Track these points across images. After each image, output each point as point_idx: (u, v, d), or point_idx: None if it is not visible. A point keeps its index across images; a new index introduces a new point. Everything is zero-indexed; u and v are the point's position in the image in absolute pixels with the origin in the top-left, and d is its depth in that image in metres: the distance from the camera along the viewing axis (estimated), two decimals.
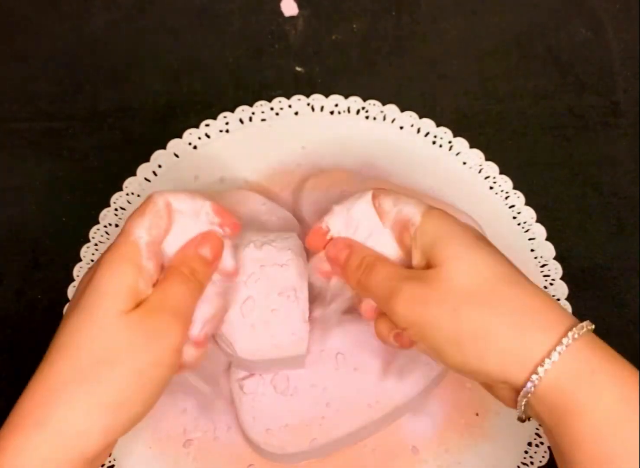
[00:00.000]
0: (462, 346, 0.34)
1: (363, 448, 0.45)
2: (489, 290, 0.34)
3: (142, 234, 0.36)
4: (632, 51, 0.60)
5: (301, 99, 0.57)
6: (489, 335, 0.33)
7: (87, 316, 0.34)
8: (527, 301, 0.34)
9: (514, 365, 0.33)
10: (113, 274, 0.35)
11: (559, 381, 0.32)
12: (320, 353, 0.45)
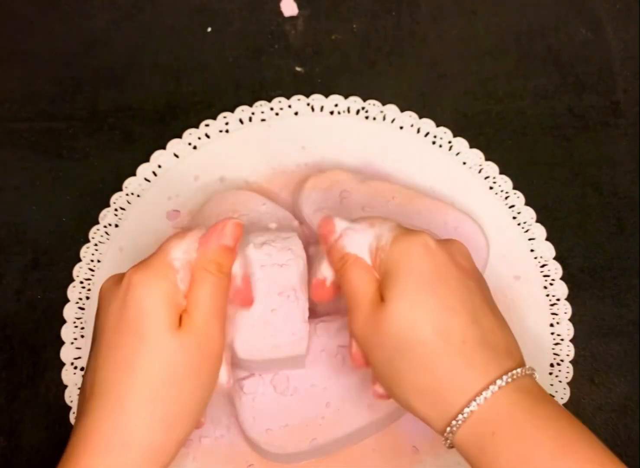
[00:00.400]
0: (392, 388, 0.37)
1: (363, 448, 0.45)
2: (417, 340, 0.35)
3: (178, 255, 0.37)
4: (632, 51, 0.60)
5: (301, 99, 0.57)
6: (416, 389, 0.35)
7: (140, 338, 0.35)
8: (449, 359, 0.35)
9: (434, 419, 0.35)
10: (155, 293, 0.35)
11: (467, 437, 0.34)
12: (320, 353, 0.45)
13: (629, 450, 0.47)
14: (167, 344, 0.35)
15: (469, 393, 0.34)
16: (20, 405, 0.48)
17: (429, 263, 0.36)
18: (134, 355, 0.35)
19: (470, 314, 0.36)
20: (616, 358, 0.49)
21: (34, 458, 0.47)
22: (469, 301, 0.36)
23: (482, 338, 0.35)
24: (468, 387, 0.34)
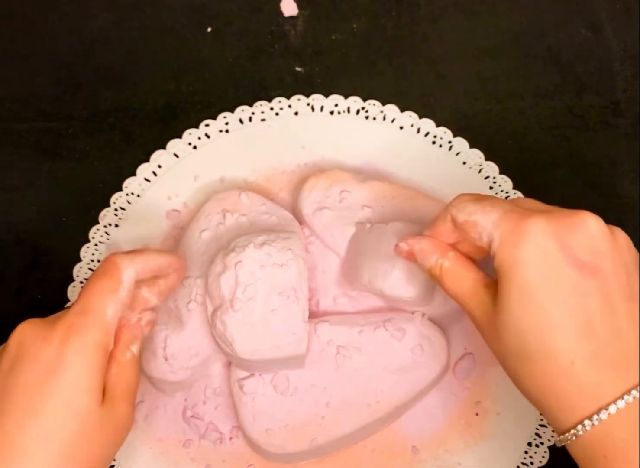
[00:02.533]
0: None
1: (363, 448, 0.46)
2: (525, 358, 0.33)
3: (112, 313, 0.37)
4: (632, 51, 0.60)
5: (301, 99, 0.57)
6: (531, 396, 0.34)
7: (70, 409, 0.34)
8: (556, 378, 0.33)
9: (551, 424, 0.34)
10: (89, 369, 0.35)
11: (580, 455, 0.33)
12: (320, 353, 0.45)
13: None
14: (90, 418, 0.35)
15: (576, 417, 0.32)
16: None
17: (538, 269, 0.33)
18: (53, 419, 0.34)
19: (581, 327, 0.32)
20: None
21: None
22: (583, 308, 0.33)
23: (594, 355, 0.32)
24: (576, 411, 0.32)
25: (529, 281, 0.33)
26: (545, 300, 0.33)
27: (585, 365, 0.32)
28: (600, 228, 0.34)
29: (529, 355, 0.33)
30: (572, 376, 0.32)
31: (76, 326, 0.36)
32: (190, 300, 0.46)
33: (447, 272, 0.38)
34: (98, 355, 0.36)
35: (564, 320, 0.32)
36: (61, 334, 0.36)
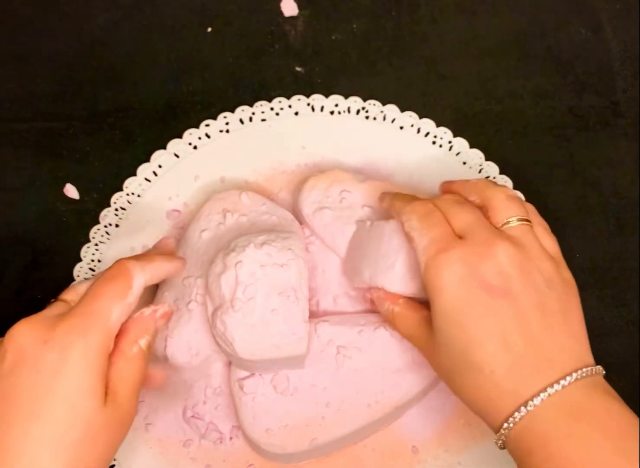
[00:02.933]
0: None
1: (363, 448, 0.46)
2: (460, 374, 0.38)
3: (118, 317, 0.37)
4: (632, 51, 0.60)
5: (301, 99, 0.57)
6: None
7: (75, 413, 0.35)
8: (483, 393, 0.36)
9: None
10: (91, 372, 0.35)
11: (512, 452, 0.36)
12: (320, 353, 0.45)
13: None
14: (93, 418, 0.35)
15: (502, 418, 0.35)
16: None
17: (456, 294, 0.37)
18: (66, 431, 0.34)
19: (498, 340, 0.36)
20: (616, 358, 0.49)
21: None
22: (497, 325, 0.36)
23: (512, 363, 0.35)
24: (501, 413, 0.35)
25: (449, 304, 0.37)
26: (464, 320, 0.36)
27: (504, 372, 0.35)
28: (509, 256, 0.37)
29: (459, 369, 0.37)
30: (494, 383, 0.35)
31: (78, 329, 0.36)
32: (191, 299, 0.46)
33: (397, 315, 0.42)
34: (100, 359, 0.36)
35: (482, 335, 0.36)
36: (63, 337, 0.36)
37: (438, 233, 0.38)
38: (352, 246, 0.48)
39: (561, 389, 0.34)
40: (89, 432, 0.35)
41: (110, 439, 0.36)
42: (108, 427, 0.36)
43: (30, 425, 0.34)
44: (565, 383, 0.34)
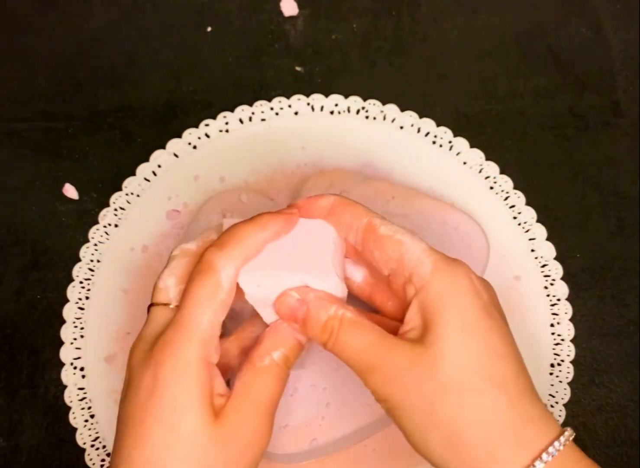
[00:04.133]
0: (429, 442, 0.32)
1: (363, 448, 0.45)
2: (471, 389, 0.31)
3: (209, 321, 0.33)
4: (632, 51, 0.60)
5: (301, 99, 0.57)
6: (459, 443, 0.31)
7: (173, 433, 0.31)
8: (507, 410, 0.31)
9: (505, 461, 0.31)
10: (188, 387, 0.32)
11: None
12: (320, 353, 0.45)
13: (629, 450, 0.47)
14: (201, 441, 0.31)
15: (530, 453, 0.30)
16: (20, 405, 0.48)
17: (476, 302, 0.33)
18: (167, 452, 0.31)
19: (518, 360, 0.33)
20: (616, 358, 0.49)
21: (34, 458, 0.47)
22: (513, 346, 0.33)
23: (532, 389, 0.32)
24: (529, 446, 0.31)
25: (470, 312, 0.32)
26: (487, 332, 0.32)
27: (531, 396, 0.32)
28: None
29: (477, 387, 0.31)
30: (523, 409, 0.31)
31: (170, 344, 0.33)
32: None
33: (349, 323, 0.33)
34: (197, 370, 0.32)
35: (507, 351, 0.32)
36: (157, 355, 0.33)
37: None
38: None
39: (569, 435, 0.31)
40: (193, 454, 0.31)
41: (225, 462, 0.32)
42: (220, 447, 0.32)
43: (131, 450, 0.31)
44: (569, 434, 0.31)
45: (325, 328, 0.34)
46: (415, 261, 0.34)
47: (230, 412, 0.32)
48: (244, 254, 0.34)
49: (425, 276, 0.33)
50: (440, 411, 0.31)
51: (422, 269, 0.33)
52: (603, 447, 0.47)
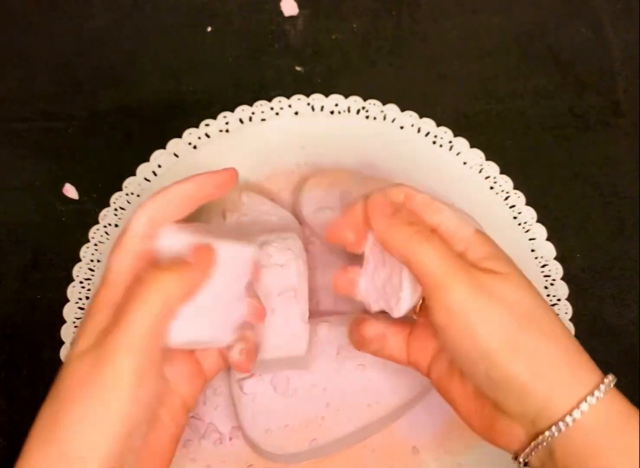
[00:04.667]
0: (517, 355, 0.33)
1: (363, 448, 0.45)
2: (546, 322, 0.34)
3: (117, 267, 0.35)
4: (632, 51, 0.60)
5: (301, 99, 0.57)
6: (541, 364, 0.33)
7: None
8: (571, 344, 0.34)
9: (558, 398, 0.32)
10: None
11: (590, 428, 0.32)
12: (320, 353, 0.45)
13: None
14: (72, 366, 0.33)
15: (594, 379, 0.33)
16: (20, 405, 0.48)
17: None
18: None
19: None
20: (616, 358, 0.49)
21: None
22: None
23: (574, 339, 0.35)
24: (576, 388, 0.33)
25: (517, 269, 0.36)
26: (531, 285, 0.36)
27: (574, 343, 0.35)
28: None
29: (549, 317, 0.34)
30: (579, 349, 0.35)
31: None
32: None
33: (437, 236, 0.35)
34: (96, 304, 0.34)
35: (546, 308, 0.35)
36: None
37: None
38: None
39: (595, 403, 0.32)
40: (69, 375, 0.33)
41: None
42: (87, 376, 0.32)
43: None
44: (600, 395, 0.32)
45: (419, 224, 0.36)
46: (456, 220, 0.36)
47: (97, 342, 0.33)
48: (156, 204, 0.36)
49: (469, 236, 0.35)
50: (525, 329, 0.33)
51: (463, 230, 0.35)
52: None
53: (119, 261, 0.35)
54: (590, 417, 0.32)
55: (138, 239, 0.35)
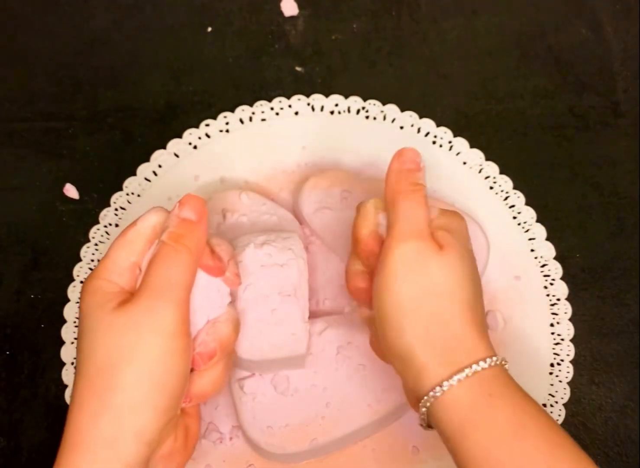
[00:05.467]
0: (413, 324, 0.36)
1: (363, 448, 0.46)
2: (463, 293, 0.37)
3: (123, 259, 0.37)
4: (632, 51, 0.60)
5: (301, 99, 0.57)
6: (435, 331, 0.36)
7: (86, 324, 0.35)
8: (467, 325, 0.36)
9: (433, 371, 0.35)
10: (89, 293, 0.36)
11: (457, 400, 0.35)
12: (320, 353, 0.45)
13: (629, 450, 0.47)
14: (105, 325, 0.34)
15: (479, 354, 0.35)
16: (20, 405, 0.48)
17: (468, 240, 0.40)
18: (84, 343, 0.35)
19: (479, 289, 0.39)
20: (616, 358, 0.49)
21: (34, 458, 0.47)
22: (477, 278, 0.39)
23: (483, 321, 0.38)
24: (479, 349, 0.36)
25: (465, 245, 0.40)
26: (461, 256, 0.39)
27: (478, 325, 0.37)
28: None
29: (466, 289, 0.37)
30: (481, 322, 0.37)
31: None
32: None
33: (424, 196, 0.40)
34: (92, 284, 0.36)
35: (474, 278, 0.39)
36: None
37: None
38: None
39: (472, 374, 0.35)
40: (101, 340, 0.35)
41: (134, 341, 0.34)
42: (126, 328, 0.34)
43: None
44: (478, 368, 0.35)
45: (415, 184, 0.40)
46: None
47: (131, 297, 0.35)
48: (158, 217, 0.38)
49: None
50: (429, 297, 0.37)
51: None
52: (603, 446, 0.47)
53: (126, 255, 0.37)
54: (458, 391, 0.35)
55: (143, 238, 0.37)
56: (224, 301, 0.39)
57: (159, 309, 0.34)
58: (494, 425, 0.34)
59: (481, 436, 0.34)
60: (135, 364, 0.33)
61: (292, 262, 0.43)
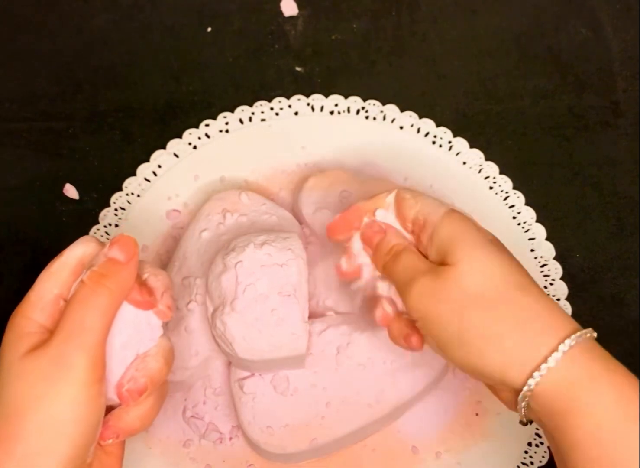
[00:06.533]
0: (464, 344, 0.35)
1: (363, 448, 0.46)
2: (496, 295, 0.35)
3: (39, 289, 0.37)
4: (632, 51, 0.60)
5: (301, 99, 0.57)
6: (492, 337, 0.34)
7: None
8: (531, 307, 0.35)
9: (513, 367, 0.33)
10: (8, 331, 0.35)
11: (557, 384, 0.33)
12: (320, 353, 0.45)
13: None
14: (14, 370, 0.33)
15: (559, 335, 0.33)
16: None
17: (485, 232, 0.38)
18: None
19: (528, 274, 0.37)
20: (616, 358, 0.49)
21: None
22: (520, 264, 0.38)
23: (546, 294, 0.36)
24: (557, 330, 0.34)
25: (483, 238, 0.38)
26: (502, 250, 0.39)
27: (548, 298, 0.36)
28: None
29: (500, 289, 0.35)
30: (546, 302, 0.35)
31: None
32: (190, 299, 0.46)
33: (406, 249, 0.39)
34: (12, 323, 0.36)
35: (517, 276, 0.37)
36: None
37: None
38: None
39: (567, 350, 0.33)
40: (12, 383, 0.34)
41: (44, 384, 0.33)
42: (37, 372, 0.33)
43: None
44: (572, 343, 0.34)
45: (389, 252, 0.39)
46: (427, 213, 0.38)
47: (43, 344, 0.34)
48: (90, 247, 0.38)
49: (435, 220, 0.38)
50: (469, 315, 0.35)
51: (433, 216, 0.38)
52: None
53: (42, 284, 0.37)
54: (555, 375, 0.33)
55: (68, 269, 0.38)
56: (154, 333, 0.37)
57: (69, 357, 0.33)
58: (602, 410, 0.32)
59: (588, 422, 0.32)
60: (41, 413, 0.32)
61: (292, 262, 0.43)
